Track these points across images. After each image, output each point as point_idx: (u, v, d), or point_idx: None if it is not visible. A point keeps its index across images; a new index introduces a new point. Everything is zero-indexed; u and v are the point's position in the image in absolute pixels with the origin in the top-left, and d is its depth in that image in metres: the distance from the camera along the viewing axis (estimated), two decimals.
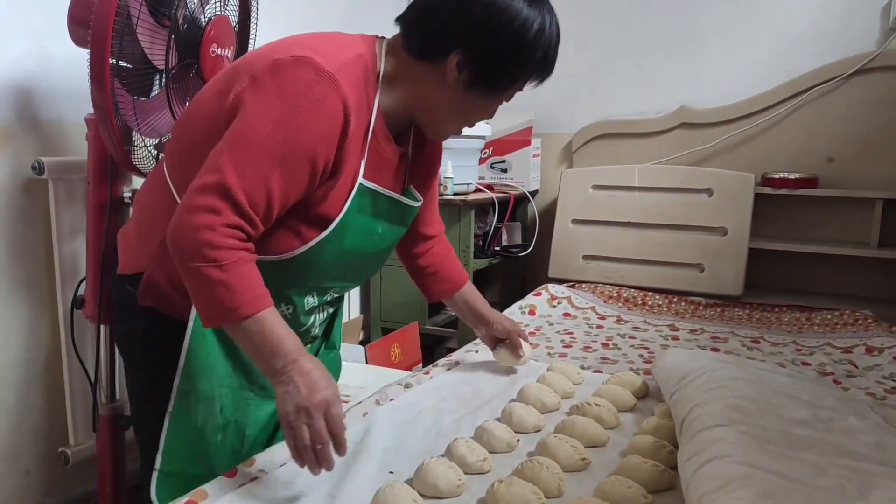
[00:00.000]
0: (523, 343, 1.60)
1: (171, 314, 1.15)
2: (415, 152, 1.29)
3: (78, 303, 1.72)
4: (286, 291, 1.18)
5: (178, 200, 1.08)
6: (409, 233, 1.38)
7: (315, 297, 1.24)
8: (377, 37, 1.17)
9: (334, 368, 1.45)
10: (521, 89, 1.18)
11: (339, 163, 1.07)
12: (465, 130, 1.28)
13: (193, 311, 1.11)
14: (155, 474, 1.13)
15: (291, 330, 1.02)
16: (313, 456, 0.97)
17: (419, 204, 1.31)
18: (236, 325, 0.99)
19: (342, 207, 1.11)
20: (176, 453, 1.13)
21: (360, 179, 1.12)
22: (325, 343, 1.42)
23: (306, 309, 1.23)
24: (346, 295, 1.44)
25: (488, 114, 1.21)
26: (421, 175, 1.33)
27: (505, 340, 1.59)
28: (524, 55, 1.10)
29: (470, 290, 1.58)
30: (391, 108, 1.15)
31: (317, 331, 1.33)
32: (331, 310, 1.35)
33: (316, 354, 1.38)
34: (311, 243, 1.11)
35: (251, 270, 1.01)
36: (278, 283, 1.14)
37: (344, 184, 1.10)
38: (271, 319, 1.00)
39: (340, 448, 0.99)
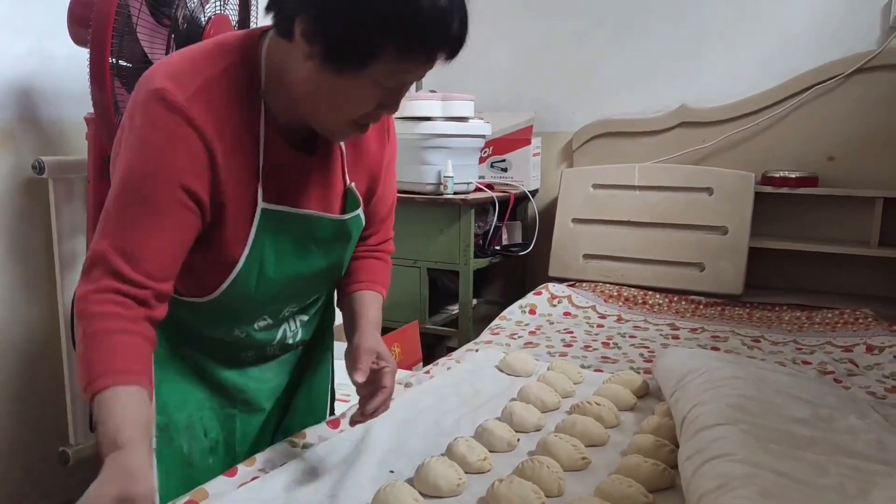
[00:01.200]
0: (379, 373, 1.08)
1: None
2: (354, 148, 1.11)
3: None
4: (228, 323, 1.12)
5: None
6: None
7: (267, 319, 1.14)
8: (263, 32, 0.98)
9: (328, 372, 1.37)
10: (407, 68, 0.90)
11: (220, 196, 0.95)
12: (464, 129, 1.17)
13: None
14: None
15: (140, 416, 0.85)
16: None
17: (355, 213, 1.12)
18: (92, 402, 0.86)
19: (246, 241, 1.00)
20: (171, 487, 1.10)
21: (261, 204, 0.99)
22: (321, 345, 1.33)
23: (259, 328, 1.14)
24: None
25: (369, 102, 0.92)
26: (366, 172, 1.14)
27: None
28: (377, 14, 0.84)
29: (370, 298, 1.19)
30: (284, 111, 0.99)
31: (299, 337, 1.22)
32: (305, 317, 1.23)
33: (312, 358, 1.32)
34: (225, 284, 1.02)
35: (119, 343, 0.87)
36: (215, 317, 1.09)
37: (242, 215, 0.98)
38: (114, 398, 0.84)
39: None
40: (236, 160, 0.95)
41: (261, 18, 1.77)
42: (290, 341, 1.21)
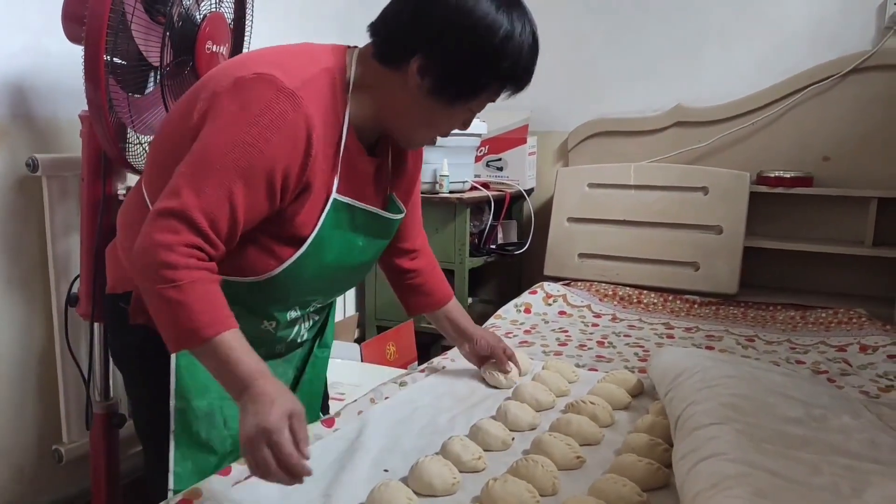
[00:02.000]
0: (512, 364, 1.54)
1: None
2: (395, 160, 1.26)
3: (72, 300, 1.72)
4: (268, 309, 1.17)
5: None
6: (390, 246, 1.34)
7: (297, 311, 1.23)
8: (349, 47, 1.14)
9: (324, 367, 1.45)
10: (492, 100, 1.13)
11: (306, 180, 1.05)
12: (458, 130, 1.25)
13: None
14: (170, 495, 1.11)
15: (252, 351, 0.96)
16: (280, 475, 0.90)
17: (401, 216, 1.28)
18: (197, 349, 0.96)
19: (316, 224, 1.09)
20: (187, 472, 1.13)
21: (334, 195, 1.10)
22: (318, 341, 1.40)
23: (288, 321, 1.22)
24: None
25: (458, 123, 1.16)
26: (404, 185, 1.30)
27: (491, 359, 1.54)
28: (488, 63, 1.05)
29: (454, 307, 1.52)
30: (362, 118, 1.12)
31: (304, 337, 1.31)
32: (317, 317, 1.33)
33: (309, 354, 1.38)
34: (288, 262, 1.09)
35: (211, 291, 0.97)
36: (259, 301, 1.14)
37: (316, 200, 1.08)
38: (229, 343, 0.95)
39: (297, 475, 0.91)
40: (324, 151, 1.06)
41: (256, 17, 1.77)
42: (299, 340, 1.29)
